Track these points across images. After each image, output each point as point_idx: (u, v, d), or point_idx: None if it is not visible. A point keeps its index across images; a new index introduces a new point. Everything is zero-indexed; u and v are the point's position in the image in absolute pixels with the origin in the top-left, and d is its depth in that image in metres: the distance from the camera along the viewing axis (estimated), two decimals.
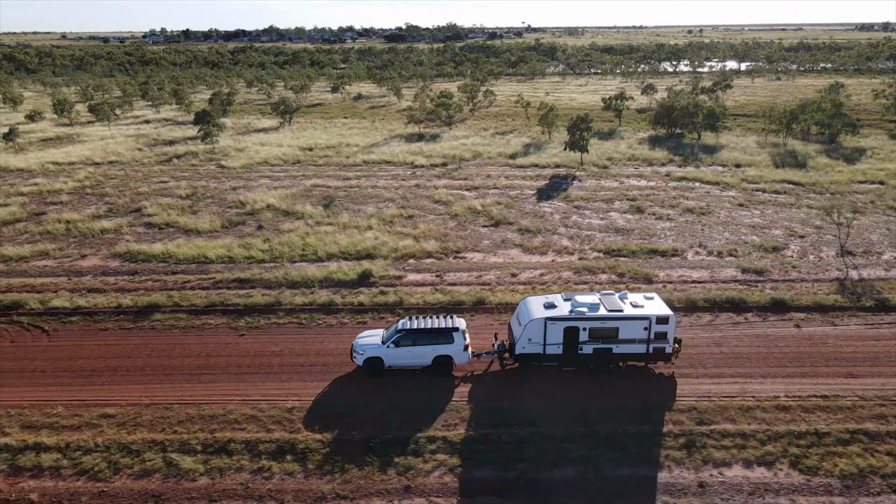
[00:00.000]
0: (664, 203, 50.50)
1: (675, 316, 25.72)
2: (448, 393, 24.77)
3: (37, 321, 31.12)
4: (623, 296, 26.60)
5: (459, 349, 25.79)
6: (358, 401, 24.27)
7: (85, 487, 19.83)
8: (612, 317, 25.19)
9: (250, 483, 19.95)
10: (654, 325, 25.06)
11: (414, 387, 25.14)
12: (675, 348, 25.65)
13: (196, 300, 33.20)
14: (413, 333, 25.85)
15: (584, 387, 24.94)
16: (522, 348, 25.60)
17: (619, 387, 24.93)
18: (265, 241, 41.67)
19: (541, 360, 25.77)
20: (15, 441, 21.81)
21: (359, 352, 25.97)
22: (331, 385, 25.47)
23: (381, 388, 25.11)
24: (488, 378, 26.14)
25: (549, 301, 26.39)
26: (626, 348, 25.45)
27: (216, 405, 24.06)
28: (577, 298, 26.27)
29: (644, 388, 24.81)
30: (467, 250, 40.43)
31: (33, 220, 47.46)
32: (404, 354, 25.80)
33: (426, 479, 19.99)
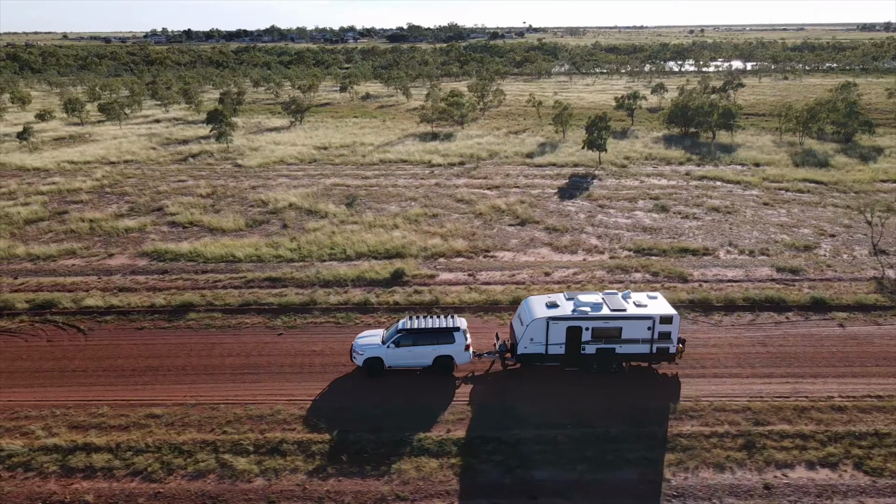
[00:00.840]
0: (688, 202, 50.24)
1: (679, 315, 25.28)
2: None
3: (71, 320, 30.85)
4: (626, 295, 26.27)
5: (460, 349, 25.45)
6: (411, 400, 24.03)
7: (140, 488, 19.56)
8: (615, 316, 24.84)
9: (307, 484, 19.68)
10: (657, 324, 24.72)
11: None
12: (679, 348, 25.30)
13: (229, 299, 32.92)
14: (413, 333, 25.48)
15: (629, 386, 24.69)
16: (524, 348, 25.25)
17: (662, 385, 24.66)
18: (292, 239, 41.38)
19: (543, 361, 25.44)
20: (64, 441, 21.54)
21: (358, 352, 25.61)
22: (378, 384, 25.23)
23: (439, 387, 24.84)
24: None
25: (552, 300, 26.05)
26: (629, 348, 25.10)
27: (263, 405, 23.78)
28: (579, 298, 25.96)
29: (691, 388, 24.53)
30: (496, 249, 40.17)
31: (56, 218, 47.17)
32: (405, 354, 25.44)
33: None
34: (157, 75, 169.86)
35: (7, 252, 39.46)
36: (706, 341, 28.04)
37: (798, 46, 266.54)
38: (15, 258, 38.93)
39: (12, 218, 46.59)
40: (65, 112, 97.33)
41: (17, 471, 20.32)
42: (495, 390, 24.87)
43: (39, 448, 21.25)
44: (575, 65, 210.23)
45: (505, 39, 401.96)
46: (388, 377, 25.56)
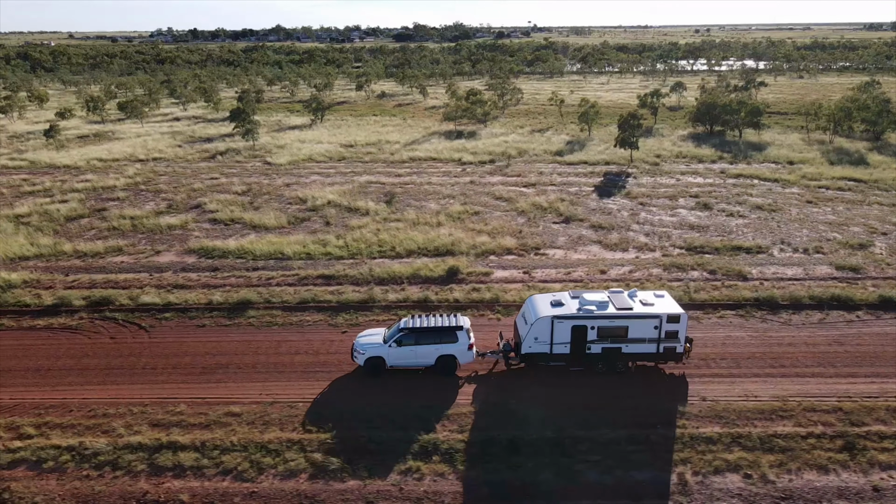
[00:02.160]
0: (729, 200, 49.76)
1: (686, 314, 24.75)
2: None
3: (130, 317, 30.53)
4: (633, 294, 25.81)
5: (464, 348, 24.97)
6: (493, 399, 23.66)
7: (233, 488, 19.20)
8: (621, 315, 24.35)
9: (403, 485, 19.31)
10: (664, 323, 24.24)
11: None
12: (686, 348, 24.83)
13: (286, 297, 32.57)
14: (416, 332, 24.99)
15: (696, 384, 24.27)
16: (529, 348, 24.76)
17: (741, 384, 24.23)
18: (338, 237, 41.04)
19: (547, 360, 24.97)
20: (149, 440, 21.19)
21: (360, 351, 25.12)
22: (457, 382, 24.84)
23: (519, 385, 24.46)
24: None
25: (557, 299, 25.58)
26: (635, 348, 24.60)
27: (341, 403, 23.43)
28: (585, 296, 25.53)
29: (775, 387, 24.07)
30: (546, 247, 39.77)
31: (95, 216, 46.89)
32: (407, 354, 24.95)
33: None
34: (170, 74, 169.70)
35: (54, 249, 39.18)
36: (780, 340, 27.60)
37: (808, 46, 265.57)
38: (63, 255, 38.65)
39: (53, 215, 46.35)
40: (86, 110, 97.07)
41: (105, 469, 19.99)
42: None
43: (124, 446, 20.92)
44: (587, 63, 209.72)
45: (511, 39, 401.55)
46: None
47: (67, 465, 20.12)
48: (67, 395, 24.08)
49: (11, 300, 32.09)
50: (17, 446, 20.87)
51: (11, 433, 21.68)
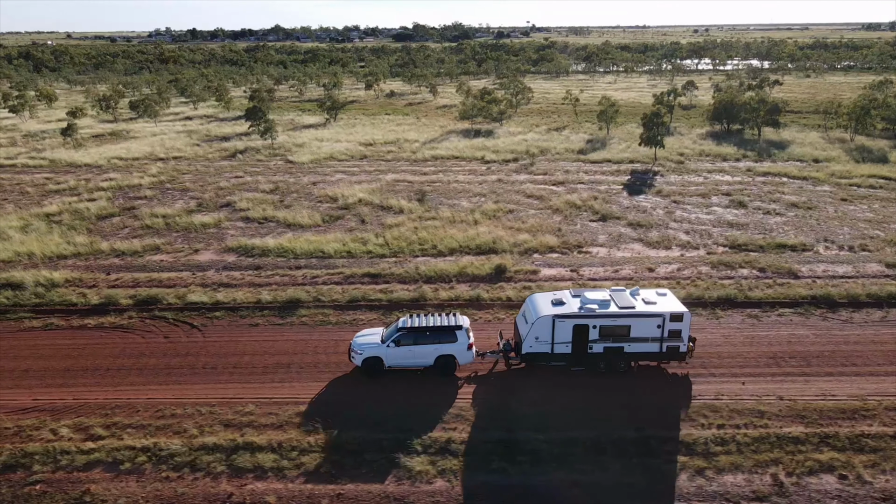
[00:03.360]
0: (763, 197, 49.51)
1: (690, 313, 24.39)
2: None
3: (180, 316, 30.07)
4: (635, 292, 25.41)
5: (463, 348, 24.52)
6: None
7: (319, 490, 18.76)
8: (623, 314, 23.96)
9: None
10: (667, 322, 23.84)
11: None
12: (689, 347, 24.45)
13: (335, 295, 32.14)
14: (414, 332, 24.54)
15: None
16: (529, 347, 24.34)
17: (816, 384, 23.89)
18: (377, 235, 40.63)
19: (548, 360, 24.56)
20: (224, 441, 20.74)
21: (357, 351, 24.63)
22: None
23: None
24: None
25: (558, 298, 25.16)
26: (638, 347, 24.20)
27: (411, 402, 23.04)
28: (586, 295, 25.15)
29: (851, 386, 23.74)
30: (587, 245, 39.42)
31: (126, 214, 46.36)
32: (405, 354, 24.50)
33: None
34: (176, 74, 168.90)
35: (91, 248, 38.65)
36: (846, 339, 27.28)
37: (810, 45, 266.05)
38: (100, 254, 38.12)
39: (83, 214, 45.79)
40: (100, 109, 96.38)
41: (184, 471, 19.54)
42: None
43: (200, 447, 20.48)
44: (591, 63, 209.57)
45: (511, 39, 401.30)
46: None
47: (145, 467, 19.67)
48: (131, 395, 23.63)
49: (57, 299, 31.62)
50: (91, 447, 20.42)
51: (81, 434, 21.23)
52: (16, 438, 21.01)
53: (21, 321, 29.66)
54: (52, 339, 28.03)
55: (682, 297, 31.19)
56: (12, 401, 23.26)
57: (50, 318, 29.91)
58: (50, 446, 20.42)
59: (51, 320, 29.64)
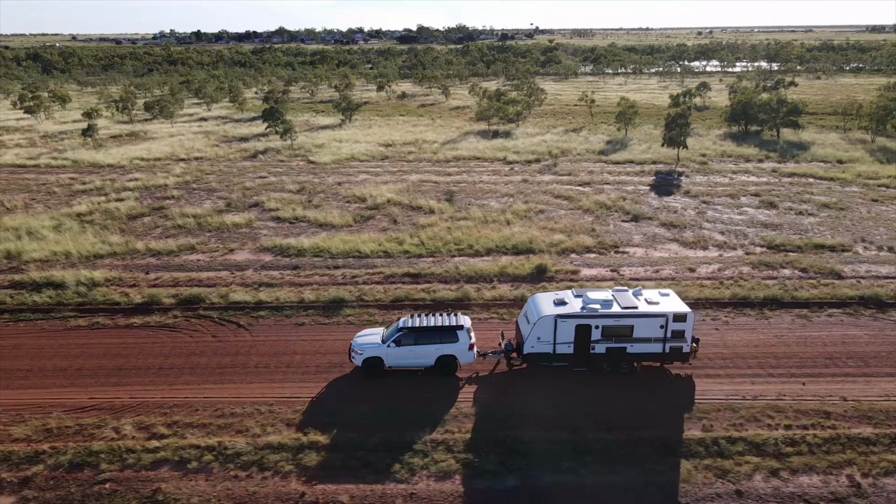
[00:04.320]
0: (793, 198, 49.30)
1: (693, 313, 24.25)
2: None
3: (226, 316, 29.95)
4: (637, 292, 25.19)
5: (464, 348, 24.31)
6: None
7: (391, 489, 18.59)
8: (626, 314, 23.73)
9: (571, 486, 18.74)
10: (670, 322, 23.65)
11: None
12: (693, 348, 24.26)
13: (378, 295, 32.01)
14: (415, 332, 24.33)
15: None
16: (531, 348, 24.13)
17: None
18: (412, 235, 40.50)
19: (550, 361, 24.37)
20: (288, 440, 20.59)
21: (357, 351, 24.42)
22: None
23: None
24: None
25: (560, 297, 24.96)
26: (641, 347, 23.97)
27: (468, 403, 22.88)
28: (588, 295, 24.93)
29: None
30: (623, 245, 39.27)
31: (156, 214, 46.27)
32: (406, 354, 24.28)
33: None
34: (187, 75, 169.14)
35: (126, 247, 38.55)
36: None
37: (817, 47, 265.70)
38: (136, 253, 38.02)
39: (114, 214, 45.72)
40: (116, 110, 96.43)
41: (252, 470, 19.39)
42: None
43: (265, 446, 20.33)
44: (600, 64, 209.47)
45: (516, 41, 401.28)
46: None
47: (212, 466, 19.53)
48: (188, 393, 23.50)
49: (100, 298, 31.52)
50: (156, 446, 20.29)
51: (144, 433, 21.09)
52: (78, 437, 20.89)
53: (66, 320, 29.59)
54: (100, 338, 27.92)
55: (728, 297, 31.18)
56: (70, 399, 23.16)
57: (95, 317, 29.83)
58: (115, 445, 20.30)
59: (96, 319, 29.56)
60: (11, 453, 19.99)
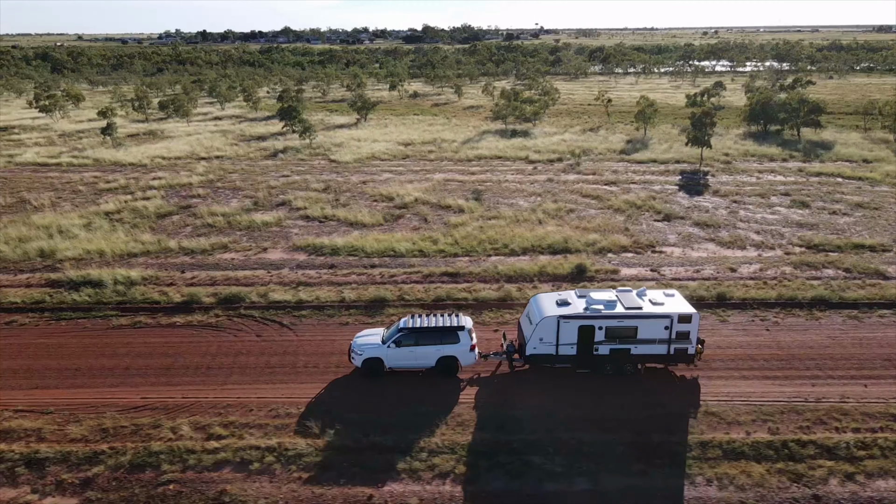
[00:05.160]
0: (824, 198, 48.84)
1: (698, 314, 23.78)
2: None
3: (268, 315, 29.66)
4: (642, 293, 24.79)
5: (465, 349, 23.89)
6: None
7: (457, 492, 18.23)
8: (630, 315, 23.30)
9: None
10: (675, 323, 23.20)
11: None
12: (698, 349, 23.85)
13: (418, 294, 31.70)
14: (416, 332, 23.94)
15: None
16: (533, 349, 23.72)
17: None
18: (445, 234, 40.18)
19: (553, 362, 23.93)
20: (349, 441, 20.22)
21: (357, 352, 24.04)
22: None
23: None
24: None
25: (563, 298, 24.54)
26: (645, 349, 23.55)
27: (539, 405, 22.54)
28: (592, 295, 24.52)
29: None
30: (660, 244, 38.89)
31: (184, 212, 46.03)
32: (406, 355, 23.89)
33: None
34: (198, 74, 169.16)
35: (159, 246, 38.29)
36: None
37: (826, 47, 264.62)
38: (169, 252, 37.77)
39: (142, 212, 45.51)
40: (132, 109, 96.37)
41: (315, 471, 19.10)
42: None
43: (326, 447, 20.03)
44: (609, 64, 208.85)
45: (521, 41, 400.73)
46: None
47: (275, 467, 19.22)
48: (240, 393, 23.19)
49: (139, 297, 31.28)
50: (215, 447, 19.99)
51: (201, 433, 20.80)
52: (136, 437, 20.60)
53: (108, 319, 29.34)
54: (144, 337, 27.66)
55: (774, 298, 30.79)
56: (122, 399, 22.89)
57: (136, 315, 29.57)
58: (174, 445, 20.02)
59: (138, 318, 29.30)
60: (70, 453, 19.73)
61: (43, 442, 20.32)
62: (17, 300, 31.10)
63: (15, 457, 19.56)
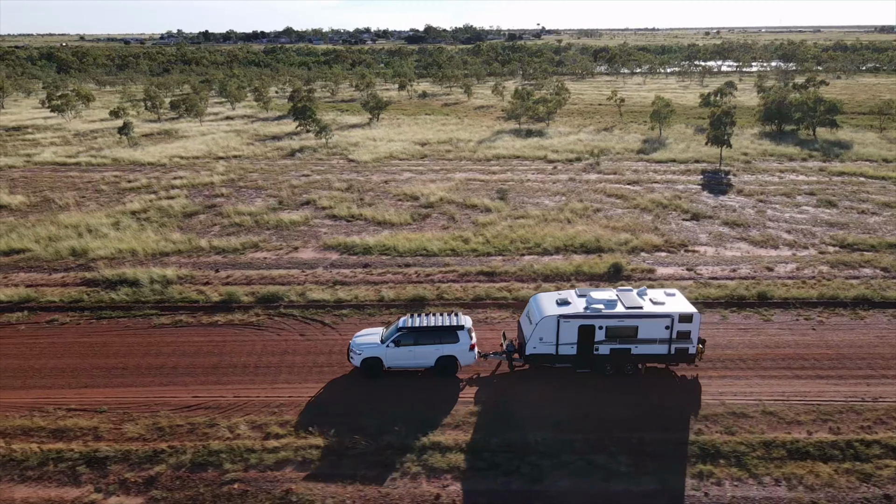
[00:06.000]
0: (850, 197, 48.71)
1: (700, 314, 23.63)
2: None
3: (308, 314, 29.50)
4: (642, 292, 24.66)
5: (465, 349, 23.75)
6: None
7: (520, 491, 18.15)
8: (630, 314, 23.19)
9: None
10: (676, 323, 23.08)
11: None
12: (698, 349, 23.73)
13: (457, 293, 31.55)
14: (415, 332, 23.79)
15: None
16: (533, 348, 23.60)
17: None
18: (476, 233, 40.06)
19: (553, 362, 23.84)
20: (409, 440, 20.11)
21: (356, 351, 23.89)
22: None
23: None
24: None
25: (563, 297, 24.43)
26: (645, 349, 23.44)
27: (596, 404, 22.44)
28: (592, 294, 24.39)
29: None
30: (692, 244, 38.75)
31: (210, 212, 45.88)
32: (405, 354, 23.74)
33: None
34: (206, 74, 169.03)
35: (190, 245, 38.15)
36: None
37: (831, 47, 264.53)
38: (201, 251, 37.63)
39: (168, 211, 45.38)
40: (145, 108, 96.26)
41: (378, 470, 18.95)
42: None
43: (386, 447, 19.87)
44: (614, 64, 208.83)
45: (524, 40, 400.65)
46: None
47: (337, 466, 19.09)
48: (291, 392, 23.04)
49: (177, 296, 31.15)
50: (275, 446, 19.86)
51: (258, 432, 20.66)
52: (193, 436, 20.47)
53: (148, 318, 29.22)
54: (187, 335, 27.52)
55: (816, 297, 30.65)
56: (173, 398, 22.76)
57: (177, 314, 29.45)
58: (234, 444, 19.89)
59: (179, 317, 29.18)
60: (130, 452, 19.60)
61: (101, 441, 20.20)
62: (54, 299, 31.01)
63: (75, 455, 19.46)
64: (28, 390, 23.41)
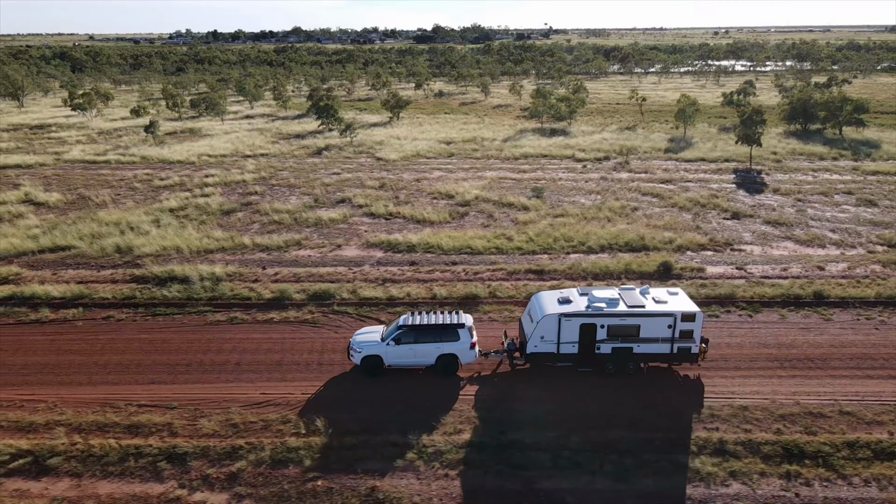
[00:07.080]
0: (889, 196, 48.25)
1: (702, 313, 23.35)
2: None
3: (362, 312, 29.39)
4: (645, 291, 24.36)
5: (466, 347, 23.53)
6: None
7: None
8: (632, 313, 22.94)
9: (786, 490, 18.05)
10: (678, 322, 22.81)
11: None
12: (701, 348, 23.41)
13: (509, 291, 31.39)
14: (415, 330, 23.60)
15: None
16: (534, 347, 23.39)
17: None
18: (518, 232, 39.87)
19: (554, 360, 23.60)
20: (487, 438, 19.96)
21: (356, 349, 23.71)
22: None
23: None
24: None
25: (564, 296, 24.18)
26: (647, 348, 23.20)
27: (666, 403, 22.24)
28: (594, 293, 24.14)
29: None
30: (736, 243, 38.46)
31: (246, 209, 45.86)
32: (405, 353, 23.56)
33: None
34: (222, 74, 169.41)
35: (233, 242, 38.13)
36: None
37: (844, 46, 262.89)
38: (244, 248, 37.60)
39: (206, 209, 45.39)
40: (166, 107, 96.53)
41: (460, 468, 18.78)
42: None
43: (464, 444, 19.69)
44: (627, 64, 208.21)
45: (533, 40, 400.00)
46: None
47: (417, 464, 18.95)
48: (360, 389, 22.91)
49: (228, 293, 31.09)
50: (353, 443, 19.75)
51: (333, 429, 20.50)
52: (268, 433, 20.39)
53: (203, 315, 29.18)
54: (245, 333, 27.45)
55: (874, 297, 30.34)
56: (242, 394, 22.69)
57: (231, 311, 29.38)
58: (311, 441, 19.78)
59: (233, 314, 29.11)
60: (208, 448, 19.53)
61: (177, 437, 20.14)
62: (107, 296, 31.01)
63: (154, 451, 19.40)
64: (95, 386, 23.39)
